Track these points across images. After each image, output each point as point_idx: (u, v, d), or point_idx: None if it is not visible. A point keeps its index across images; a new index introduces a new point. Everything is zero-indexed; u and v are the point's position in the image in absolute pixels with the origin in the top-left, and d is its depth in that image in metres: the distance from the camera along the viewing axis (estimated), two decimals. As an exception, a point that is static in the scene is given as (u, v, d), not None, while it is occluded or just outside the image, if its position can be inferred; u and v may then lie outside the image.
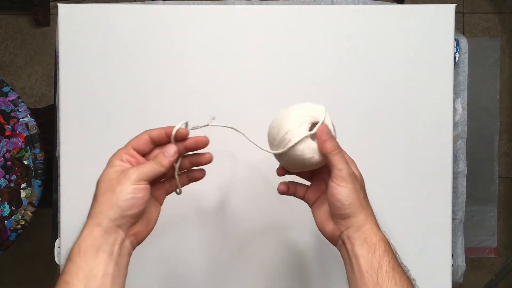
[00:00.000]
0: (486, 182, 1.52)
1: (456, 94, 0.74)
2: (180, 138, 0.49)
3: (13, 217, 0.90)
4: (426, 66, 0.71)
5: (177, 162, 0.50)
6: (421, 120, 0.71)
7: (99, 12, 0.72)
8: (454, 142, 0.74)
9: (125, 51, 0.72)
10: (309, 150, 0.48)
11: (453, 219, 0.73)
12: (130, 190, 0.45)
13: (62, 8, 0.72)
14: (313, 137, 0.48)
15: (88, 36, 0.72)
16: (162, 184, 0.52)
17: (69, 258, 0.44)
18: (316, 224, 0.52)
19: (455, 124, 0.74)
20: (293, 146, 0.48)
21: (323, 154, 0.48)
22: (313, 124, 0.48)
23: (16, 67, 1.58)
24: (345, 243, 0.48)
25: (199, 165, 0.52)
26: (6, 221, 0.90)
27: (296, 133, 0.48)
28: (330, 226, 0.50)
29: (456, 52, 0.73)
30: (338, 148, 0.48)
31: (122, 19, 0.72)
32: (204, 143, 0.50)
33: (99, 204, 0.46)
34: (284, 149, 0.48)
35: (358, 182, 0.49)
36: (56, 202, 0.75)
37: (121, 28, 0.72)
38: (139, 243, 0.49)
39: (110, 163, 0.48)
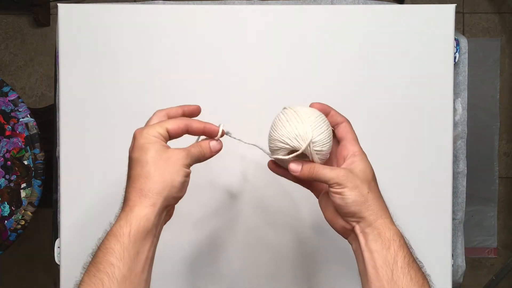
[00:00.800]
0: (486, 182, 1.52)
1: (456, 94, 0.74)
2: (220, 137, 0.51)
3: (13, 217, 0.90)
4: (426, 66, 0.71)
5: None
6: (421, 120, 0.71)
7: (99, 12, 0.72)
8: (454, 142, 0.73)
9: (125, 51, 0.72)
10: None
11: (453, 219, 0.73)
12: (183, 172, 0.45)
13: (62, 8, 0.72)
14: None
15: (88, 36, 0.72)
16: None
17: (114, 234, 0.43)
18: (325, 218, 0.52)
19: (455, 124, 0.74)
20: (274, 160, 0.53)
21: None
22: (292, 151, 0.49)
23: (16, 67, 1.58)
24: (358, 237, 0.48)
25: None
26: (6, 221, 0.90)
27: (274, 154, 0.51)
28: (340, 222, 0.50)
29: (456, 52, 0.73)
30: (310, 169, 0.48)
31: (122, 19, 0.72)
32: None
33: (153, 182, 0.44)
34: (269, 158, 0.54)
35: (358, 178, 0.47)
36: (56, 202, 0.75)
37: (121, 28, 0.72)
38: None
39: (145, 138, 0.46)
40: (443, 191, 0.71)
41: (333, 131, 0.51)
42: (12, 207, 0.90)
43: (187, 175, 0.46)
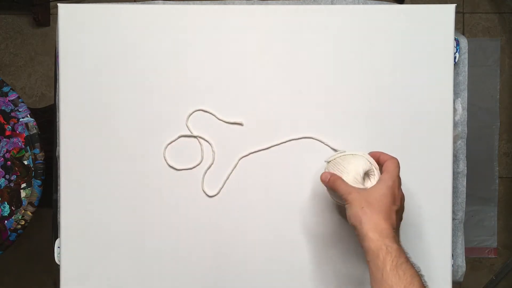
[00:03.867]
0: (486, 182, 1.52)
1: (456, 94, 0.74)
2: None
3: (13, 217, 0.90)
4: (426, 66, 0.71)
5: None
6: (421, 120, 0.71)
7: (99, 12, 0.72)
8: (454, 142, 0.74)
9: (125, 51, 0.72)
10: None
11: (453, 219, 0.73)
12: None
13: (62, 8, 0.72)
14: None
15: (88, 36, 0.72)
16: None
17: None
18: None
19: (455, 124, 0.74)
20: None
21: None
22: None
23: (16, 67, 1.58)
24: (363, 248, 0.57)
25: None
26: (6, 221, 0.90)
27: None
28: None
29: (456, 52, 0.73)
30: (331, 180, 0.61)
31: (122, 19, 0.72)
32: None
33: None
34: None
35: (366, 201, 0.57)
36: (56, 202, 0.75)
37: (121, 28, 0.72)
38: None
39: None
40: (443, 191, 0.71)
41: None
42: (12, 207, 0.90)
43: None
